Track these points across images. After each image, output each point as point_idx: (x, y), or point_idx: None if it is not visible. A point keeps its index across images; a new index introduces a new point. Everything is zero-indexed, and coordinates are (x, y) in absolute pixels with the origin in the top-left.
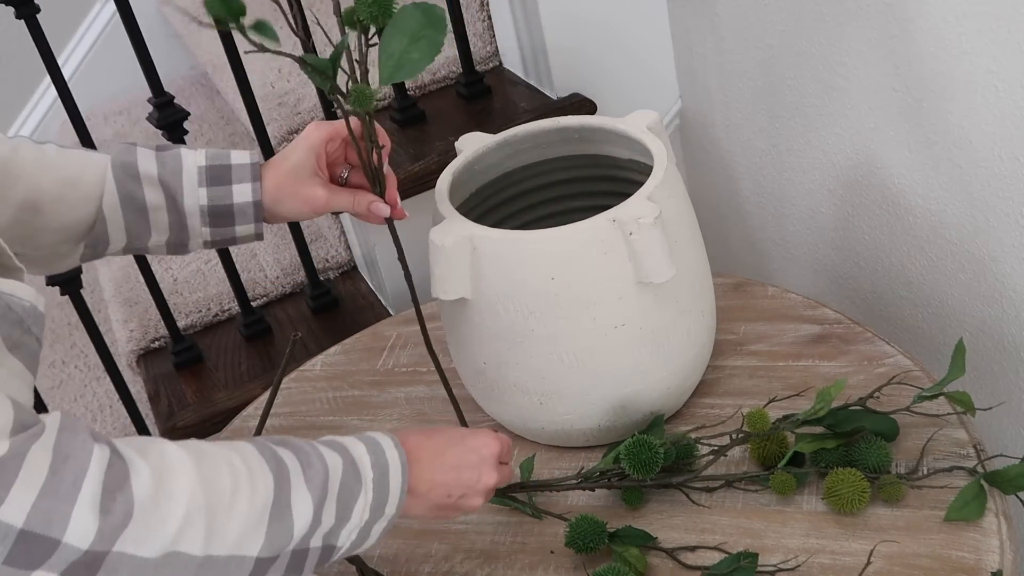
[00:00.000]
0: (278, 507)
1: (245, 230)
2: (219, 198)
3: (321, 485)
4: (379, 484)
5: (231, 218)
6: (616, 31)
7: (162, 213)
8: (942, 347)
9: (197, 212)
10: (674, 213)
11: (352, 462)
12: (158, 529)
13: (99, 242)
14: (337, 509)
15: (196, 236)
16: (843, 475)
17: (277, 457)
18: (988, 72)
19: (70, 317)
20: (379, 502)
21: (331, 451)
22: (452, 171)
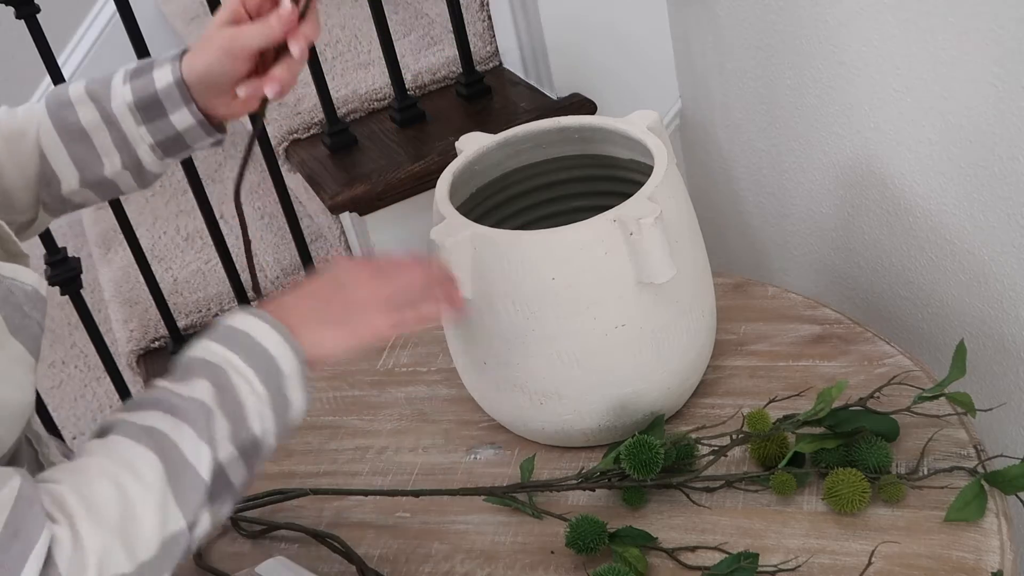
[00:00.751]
0: (175, 475)
1: (183, 119)
2: (142, 88)
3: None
4: (250, 355)
5: (160, 107)
6: (616, 31)
7: (102, 132)
8: (942, 347)
9: (127, 111)
10: (674, 213)
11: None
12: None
13: (50, 181)
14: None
15: (140, 142)
16: (843, 475)
17: (147, 431)
18: (988, 72)
19: (70, 317)
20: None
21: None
22: (452, 171)
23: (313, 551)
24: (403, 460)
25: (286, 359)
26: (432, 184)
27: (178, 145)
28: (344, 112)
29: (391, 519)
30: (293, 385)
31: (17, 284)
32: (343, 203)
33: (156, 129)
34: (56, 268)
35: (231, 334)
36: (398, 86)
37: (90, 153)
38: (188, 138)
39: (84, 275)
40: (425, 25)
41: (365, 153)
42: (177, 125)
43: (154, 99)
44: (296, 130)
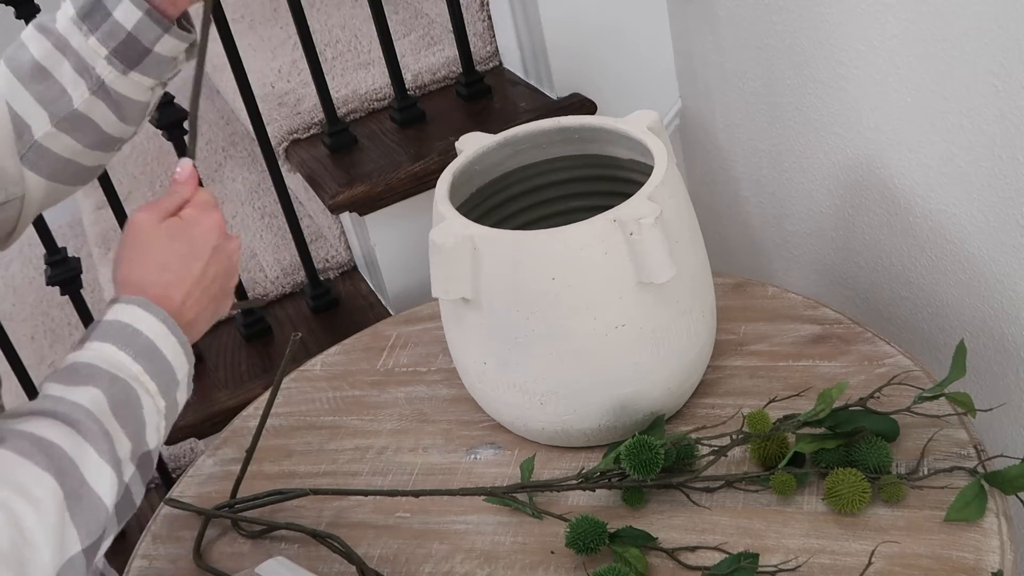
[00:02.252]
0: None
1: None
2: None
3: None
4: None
5: (101, 6)
6: (616, 31)
7: (58, 61)
8: (942, 347)
9: (73, 27)
10: (674, 213)
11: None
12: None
13: (23, 131)
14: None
15: (94, 57)
16: (843, 475)
17: (41, 443)
18: (988, 72)
19: (70, 317)
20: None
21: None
22: (452, 171)
23: (313, 551)
24: (403, 460)
25: (181, 366)
26: (432, 184)
27: (134, 49)
28: (344, 112)
29: (391, 519)
30: (183, 392)
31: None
32: (343, 203)
33: (105, 35)
34: (56, 268)
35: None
36: (398, 86)
37: (53, 88)
38: (142, 38)
39: (84, 275)
40: (425, 25)
41: (365, 153)
42: (124, 22)
43: (95, 3)
44: (296, 130)
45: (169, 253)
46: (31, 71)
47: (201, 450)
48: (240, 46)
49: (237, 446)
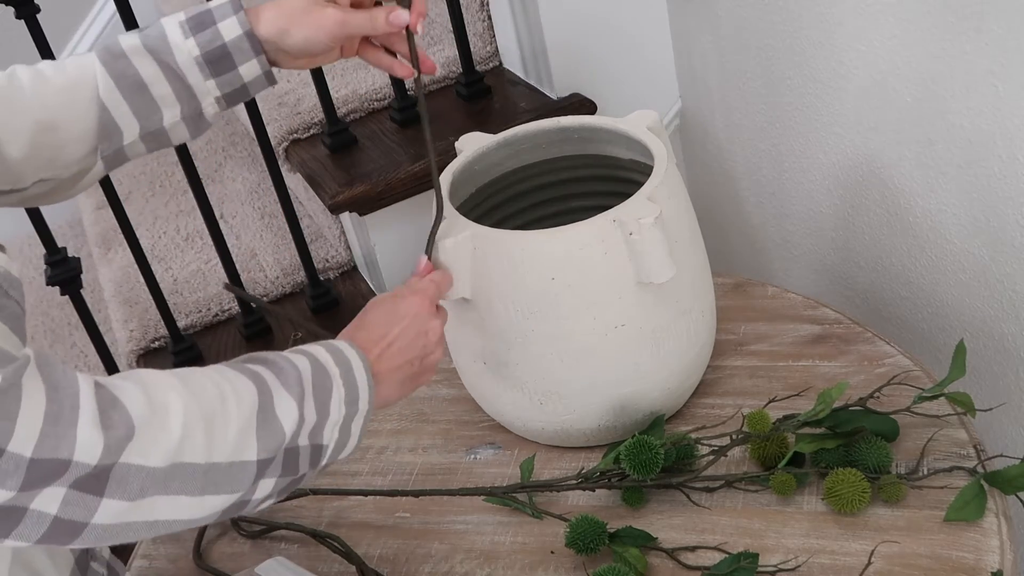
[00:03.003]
0: (264, 412)
1: (250, 70)
2: (209, 42)
3: (297, 385)
4: (347, 379)
5: (230, 59)
6: (616, 31)
7: (162, 84)
8: (942, 347)
9: (194, 66)
10: (674, 213)
11: (319, 363)
12: (160, 439)
13: (112, 133)
14: (316, 406)
15: (206, 95)
16: (843, 475)
17: (251, 371)
18: (988, 72)
19: (70, 317)
20: (351, 396)
21: (296, 355)
22: (452, 171)
23: (313, 551)
24: (403, 460)
25: (364, 397)
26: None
27: (240, 95)
28: (344, 112)
29: (391, 519)
30: (359, 421)
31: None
32: (343, 203)
33: (224, 82)
34: (56, 268)
35: (336, 351)
36: (398, 86)
37: (150, 105)
38: (251, 88)
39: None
40: (425, 25)
41: (365, 153)
42: (245, 76)
43: (223, 52)
44: (296, 130)
45: (374, 319)
46: (134, 84)
47: None
48: None
49: None
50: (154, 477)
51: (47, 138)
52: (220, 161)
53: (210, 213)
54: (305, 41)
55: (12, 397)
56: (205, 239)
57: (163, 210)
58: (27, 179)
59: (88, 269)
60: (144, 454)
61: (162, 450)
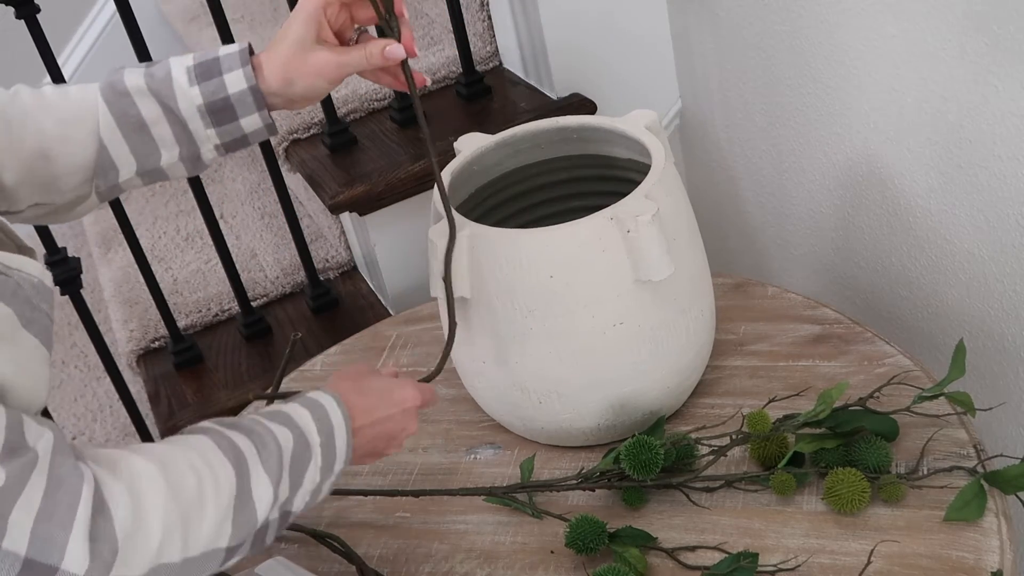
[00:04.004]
0: (241, 497)
1: (252, 123)
2: (213, 93)
3: (277, 464)
4: (327, 448)
5: (232, 112)
6: (616, 31)
7: (163, 126)
8: (942, 347)
9: (196, 114)
10: (672, 211)
11: (301, 435)
12: (141, 548)
13: (108, 171)
14: (291, 480)
15: (206, 142)
16: (843, 475)
17: (234, 446)
18: (988, 72)
19: (70, 317)
20: (327, 463)
21: (281, 427)
22: (452, 171)
23: (313, 551)
24: (403, 460)
25: (339, 463)
26: (432, 184)
27: (240, 144)
28: (344, 112)
29: (391, 519)
30: (327, 485)
31: (24, 276)
32: (343, 203)
33: (225, 132)
34: (56, 268)
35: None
36: None
37: (149, 145)
38: (251, 138)
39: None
40: (425, 25)
41: (365, 153)
42: (245, 128)
43: (226, 104)
44: (296, 130)
45: (373, 389)
46: (134, 124)
47: None
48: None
49: None
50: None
51: (42, 166)
52: (220, 161)
53: (210, 213)
54: (308, 89)
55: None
56: (205, 239)
57: (163, 210)
58: (22, 203)
59: (88, 269)
60: (127, 564)
61: (143, 558)
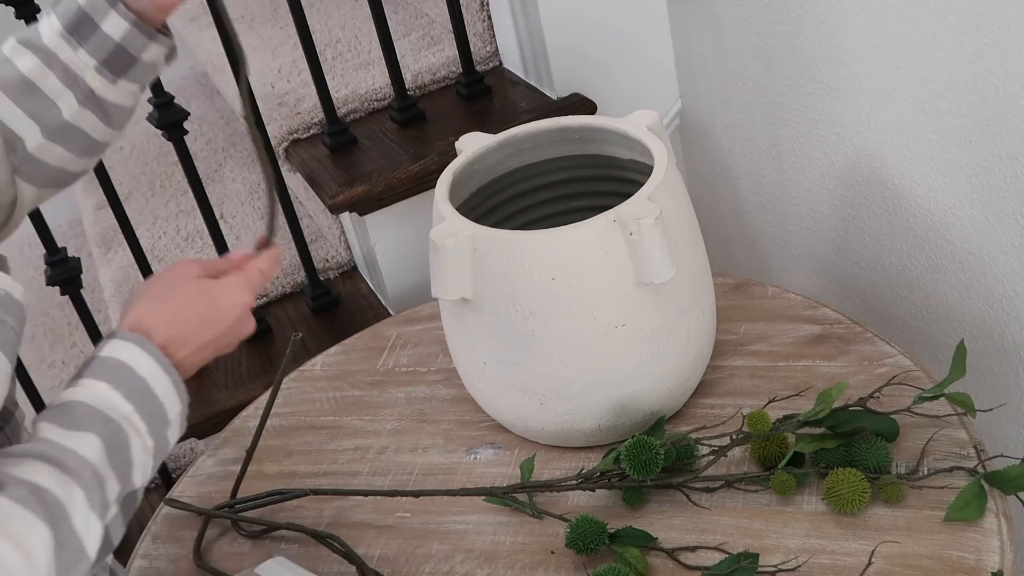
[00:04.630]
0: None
1: (115, 26)
2: (66, 9)
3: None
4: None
5: (89, 20)
6: (616, 31)
7: (46, 75)
8: (942, 347)
9: (61, 40)
10: (674, 213)
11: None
12: None
13: (15, 145)
14: (118, 477)
15: (84, 69)
16: (843, 475)
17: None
18: (988, 72)
19: (70, 317)
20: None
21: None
22: (452, 171)
23: (313, 551)
24: (403, 460)
25: (173, 406)
26: (432, 184)
27: (123, 59)
28: (344, 112)
29: (391, 519)
30: (173, 430)
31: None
32: (343, 203)
33: (94, 47)
34: (56, 268)
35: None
36: (398, 86)
37: (42, 101)
38: (130, 48)
39: (84, 275)
40: (425, 25)
41: (365, 153)
42: (112, 34)
43: (80, 14)
44: (296, 130)
45: (189, 308)
46: (19, 85)
47: (201, 450)
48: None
49: (237, 446)
50: None
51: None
52: (220, 161)
53: (210, 213)
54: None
55: None
56: (205, 239)
57: (163, 210)
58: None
59: (88, 269)
60: None
61: None
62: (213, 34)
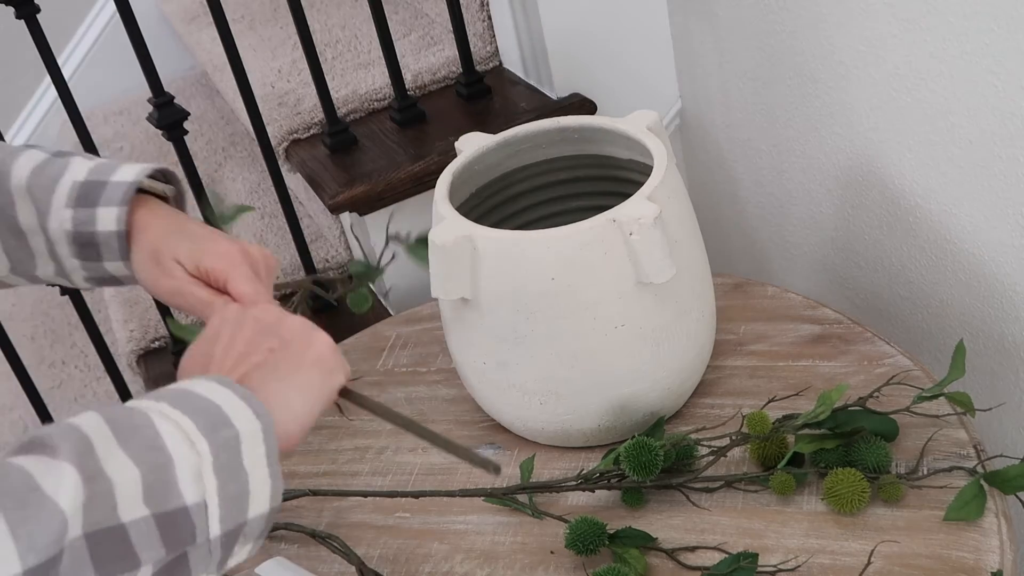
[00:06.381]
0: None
1: (117, 268)
2: (82, 223)
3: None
4: (189, 407)
5: (97, 250)
6: (616, 31)
7: (38, 238)
8: (942, 347)
9: (63, 238)
10: (674, 213)
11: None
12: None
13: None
14: (131, 452)
15: (74, 271)
16: (843, 475)
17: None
18: (988, 72)
19: (70, 317)
20: (212, 422)
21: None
22: (452, 171)
23: (313, 551)
24: (403, 460)
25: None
26: (432, 184)
27: (111, 282)
28: (344, 112)
29: (391, 519)
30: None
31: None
32: (343, 203)
33: (90, 267)
34: None
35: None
36: (398, 86)
37: (25, 252)
38: (123, 280)
39: None
40: (425, 25)
41: (365, 153)
42: (111, 271)
43: (91, 240)
44: (296, 130)
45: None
46: (12, 228)
47: None
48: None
49: None
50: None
51: None
52: (220, 161)
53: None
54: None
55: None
56: None
57: None
58: None
59: None
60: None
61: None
62: (213, 34)
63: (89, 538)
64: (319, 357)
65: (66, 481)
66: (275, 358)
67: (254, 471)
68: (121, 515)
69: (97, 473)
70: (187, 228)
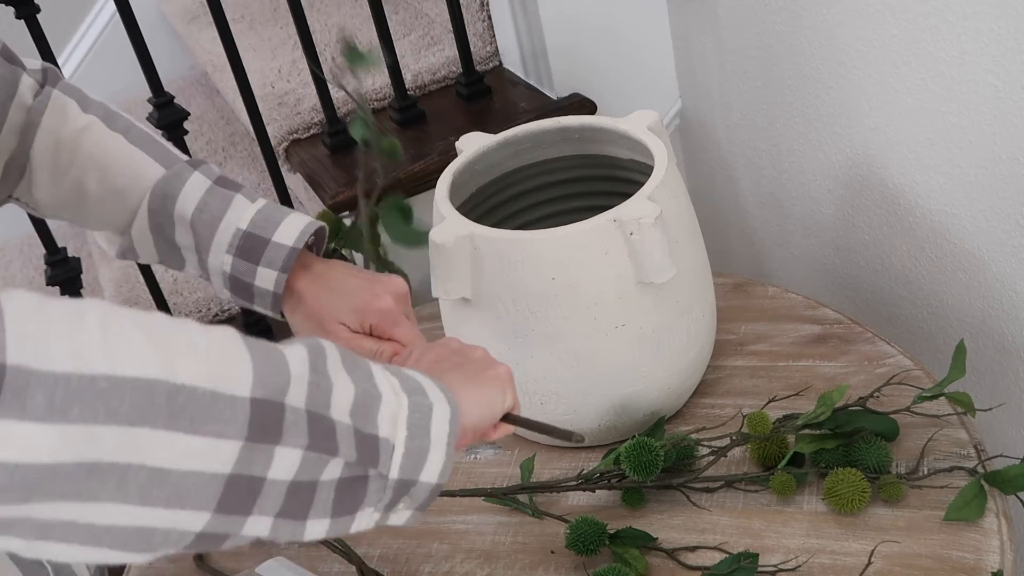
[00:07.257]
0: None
1: (264, 309)
2: (242, 273)
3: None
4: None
5: (250, 295)
6: (616, 31)
7: (191, 253)
8: (942, 347)
9: (219, 274)
10: (674, 213)
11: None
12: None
13: (129, 252)
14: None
15: (220, 291)
16: (843, 475)
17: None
18: (988, 72)
19: None
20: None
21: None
22: (452, 171)
23: (313, 551)
24: None
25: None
26: (432, 184)
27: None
28: (344, 112)
29: None
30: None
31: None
32: (343, 203)
33: (238, 299)
34: (56, 268)
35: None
36: (398, 86)
37: (175, 256)
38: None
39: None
40: (425, 25)
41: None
42: (258, 309)
43: (248, 289)
44: (296, 130)
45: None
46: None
47: None
48: (240, 46)
49: None
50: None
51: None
52: (220, 161)
53: None
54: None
55: None
56: None
57: None
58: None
59: (88, 269)
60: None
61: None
62: (213, 34)
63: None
64: (499, 376)
65: (297, 355)
66: (463, 369)
67: (436, 443)
68: (332, 413)
69: (323, 373)
70: (342, 286)
